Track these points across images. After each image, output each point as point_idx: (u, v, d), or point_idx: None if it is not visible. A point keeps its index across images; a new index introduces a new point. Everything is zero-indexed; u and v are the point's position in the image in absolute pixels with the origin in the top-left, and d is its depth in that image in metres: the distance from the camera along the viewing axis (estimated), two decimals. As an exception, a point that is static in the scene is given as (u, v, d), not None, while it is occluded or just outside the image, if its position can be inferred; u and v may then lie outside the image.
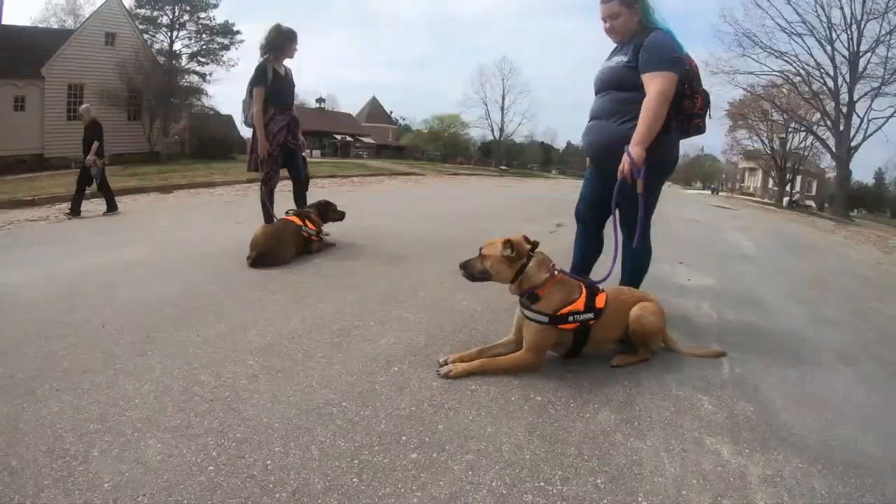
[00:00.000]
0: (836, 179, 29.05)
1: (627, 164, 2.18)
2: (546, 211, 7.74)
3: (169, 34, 27.48)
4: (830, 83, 25.81)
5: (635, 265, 2.59)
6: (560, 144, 63.98)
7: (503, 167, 43.03)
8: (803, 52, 26.42)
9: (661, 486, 1.34)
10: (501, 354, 2.02)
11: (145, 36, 25.66)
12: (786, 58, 26.64)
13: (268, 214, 4.04)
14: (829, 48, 25.29)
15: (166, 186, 10.72)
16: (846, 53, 25.07)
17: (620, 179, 2.24)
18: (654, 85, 2.19)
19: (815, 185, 47.38)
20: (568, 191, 11.56)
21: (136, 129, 23.21)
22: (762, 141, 37.95)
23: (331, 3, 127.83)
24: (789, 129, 34.09)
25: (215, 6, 27.96)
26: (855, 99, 24.98)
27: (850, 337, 2.82)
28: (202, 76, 28.65)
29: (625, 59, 2.32)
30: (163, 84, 23.72)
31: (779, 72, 27.54)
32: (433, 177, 20.31)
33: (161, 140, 24.37)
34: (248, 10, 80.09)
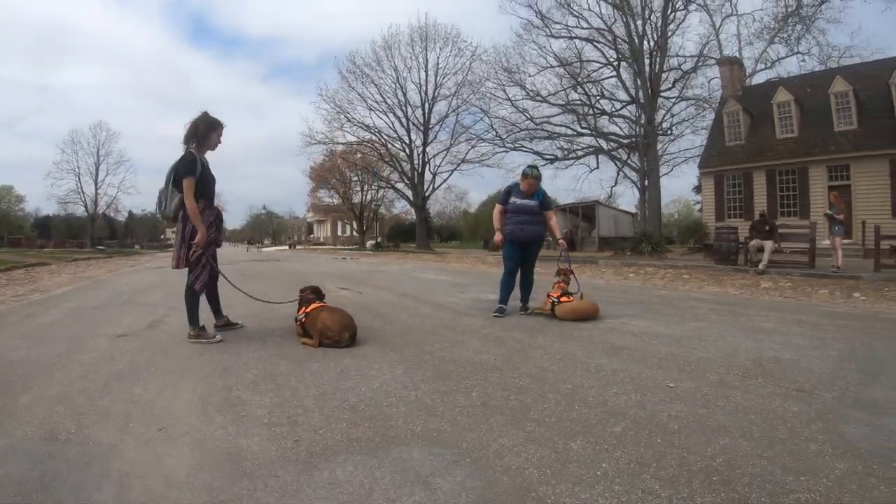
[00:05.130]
0: (416, 221, 37.29)
1: (562, 241, 5.36)
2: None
3: None
4: (407, 150, 34.17)
5: (527, 287, 5.48)
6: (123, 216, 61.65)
7: (100, 247, 40.92)
8: (386, 127, 33.86)
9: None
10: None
11: None
12: (372, 130, 33.72)
13: (194, 315, 3.79)
14: (405, 121, 33.55)
15: None
16: (421, 126, 33.57)
17: (535, 249, 5.35)
18: (553, 215, 5.42)
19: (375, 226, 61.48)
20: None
21: None
22: (340, 196, 45.58)
23: None
24: (370, 186, 42.79)
25: None
26: (427, 159, 33.98)
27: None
28: None
29: (535, 203, 5.17)
30: None
31: (367, 142, 34.60)
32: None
33: None
34: None
